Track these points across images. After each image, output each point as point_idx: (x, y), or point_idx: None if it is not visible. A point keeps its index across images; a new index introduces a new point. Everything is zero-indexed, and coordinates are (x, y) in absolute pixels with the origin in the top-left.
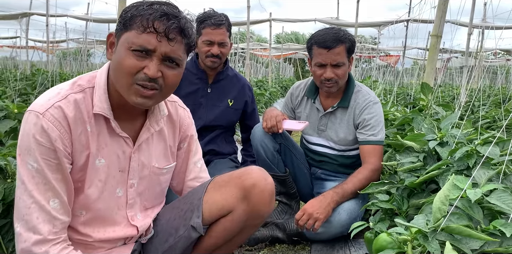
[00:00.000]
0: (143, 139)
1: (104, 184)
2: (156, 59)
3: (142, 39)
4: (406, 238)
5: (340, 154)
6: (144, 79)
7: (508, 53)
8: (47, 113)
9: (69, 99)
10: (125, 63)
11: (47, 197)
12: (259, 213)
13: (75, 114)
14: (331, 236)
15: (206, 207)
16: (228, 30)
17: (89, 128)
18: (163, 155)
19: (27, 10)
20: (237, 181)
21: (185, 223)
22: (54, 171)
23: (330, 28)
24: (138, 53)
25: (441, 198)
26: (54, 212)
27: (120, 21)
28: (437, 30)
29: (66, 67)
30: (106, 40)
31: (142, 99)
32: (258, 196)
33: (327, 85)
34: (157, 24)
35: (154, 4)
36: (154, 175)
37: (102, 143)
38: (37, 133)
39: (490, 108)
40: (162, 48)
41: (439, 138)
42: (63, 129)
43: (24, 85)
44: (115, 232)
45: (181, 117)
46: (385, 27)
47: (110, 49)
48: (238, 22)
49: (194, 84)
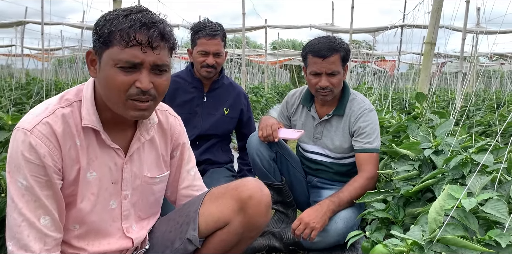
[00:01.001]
0: (134, 149)
1: (97, 197)
2: (145, 71)
3: (127, 54)
4: (402, 249)
5: (336, 161)
6: (138, 93)
7: (502, 58)
8: (34, 130)
9: (57, 114)
10: (115, 81)
11: (38, 214)
12: (255, 224)
13: (64, 129)
14: (328, 245)
15: (202, 219)
16: (223, 40)
17: (78, 142)
18: (156, 164)
19: (22, 19)
20: (233, 193)
21: (181, 235)
22: (44, 188)
23: (325, 37)
24: (125, 68)
25: (436, 209)
26: (45, 229)
27: (98, 39)
28: (431, 38)
29: (61, 75)
30: (85, 57)
31: (140, 112)
32: (254, 207)
33: (322, 94)
34: (138, 36)
35: (128, 15)
36: (146, 184)
37: (93, 156)
38: (26, 150)
39: (485, 113)
40: (149, 59)
41: (434, 146)
42: (52, 144)
43: (19, 95)
44: (110, 244)
45: (172, 126)
46: (380, 33)
47: (93, 67)
48: (233, 29)
49: (189, 93)
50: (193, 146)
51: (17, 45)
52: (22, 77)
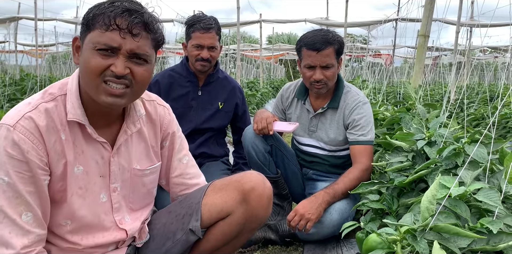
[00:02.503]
0: (120, 141)
1: (85, 191)
2: (122, 57)
3: (106, 37)
4: (396, 238)
5: (330, 154)
6: (112, 76)
7: (496, 51)
8: (17, 125)
9: (40, 109)
10: (91, 63)
11: (19, 211)
12: (257, 216)
13: (47, 124)
14: (323, 236)
15: (205, 209)
16: (217, 34)
17: (64, 136)
18: (145, 156)
19: (15, 14)
20: (236, 185)
21: (183, 226)
22: (27, 184)
23: (319, 30)
24: (103, 52)
25: (428, 198)
26: (27, 225)
27: (83, 23)
28: (424, 30)
29: (55, 71)
30: (71, 44)
31: (113, 98)
32: (256, 199)
33: (317, 87)
34: (119, 21)
35: (115, 2)
36: (136, 177)
37: (79, 150)
38: (8, 146)
39: (478, 106)
40: (127, 45)
41: (427, 137)
42: (36, 139)
43: (13, 91)
44: (105, 237)
45: (160, 116)
46: (375, 27)
47: (77, 54)
48: (228, 23)
49: (184, 87)
50: (188, 139)
51: (11, 41)
52: (16, 74)
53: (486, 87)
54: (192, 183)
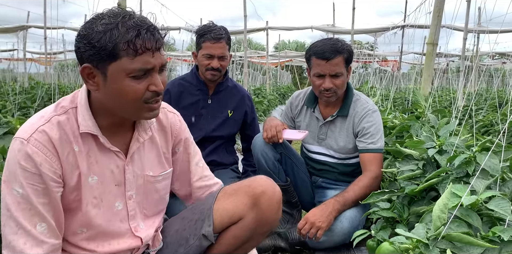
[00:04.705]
0: (133, 149)
1: (100, 201)
2: (155, 74)
3: (138, 62)
4: (408, 246)
5: (340, 162)
6: (153, 96)
7: (504, 57)
8: (31, 138)
9: (53, 122)
10: (129, 91)
11: (34, 222)
12: (267, 220)
13: (60, 136)
14: (334, 244)
15: (217, 214)
16: (227, 44)
17: (77, 148)
18: (157, 162)
19: (24, 23)
20: (246, 189)
21: (196, 232)
22: (41, 196)
23: (328, 39)
24: (136, 77)
25: (440, 207)
26: (42, 236)
27: (99, 52)
28: (432, 38)
29: (63, 79)
30: (80, 72)
31: (154, 112)
32: (267, 203)
33: (326, 95)
34: (147, 43)
35: (119, 23)
36: (149, 183)
37: (93, 160)
38: (22, 158)
39: (487, 112)
40: (158, 61)
41: (438, 146)
42: (49, 152)
43: (23, 99)
44: (120, 244)
45: (171, 123)
46: (382, 34)
47: (91, 81)
48: (235, 31)
49: (194, 96)
50: (198, 147)
51: (19, 49)
52: (25, 82)
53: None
54: (213, 183)
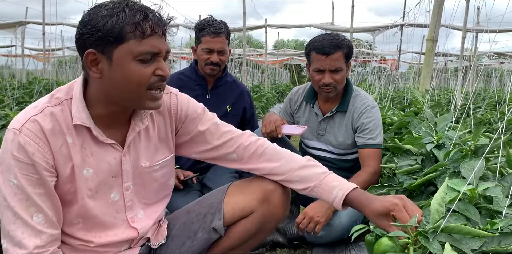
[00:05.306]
0: (129, 140)
1: (95, 192)
2: (161, 59)
3: (146, 45)
4: (407, 240)
5: (339, 157)
6: (159, 80)
7: (502, 56)
8: (23, 128)
9: (45, 113)
10: (136, 74)
11: (30, 212)
12: (276, 215)
13: (53, 127)
14: (332, 239)
15: (227, 208)
16: (227, 38)
17: (70, 140)
18: (154, 151)
19: (23, 19)
20: (259, 184)
21: (205, 225)
22: (36, 186)
23: (328, 34)
24: (144, 60)
25: (437, 200)
26: (39, 226)
27: (105, 36)
28: (432, 34)
29: (61, 75)
30: (84, 59)
31: (156, 102)
32: (277, 199)
33: (326, 91)
34: (153, 25)
35: (125, 7)
36: (144, 173)
37: (88, 152)
38: (15, 149)
39: (485, 111)
40: (164, 47)
41: (435, 141)
42: (41, 141)
43: (21, 94)
44: (117, 235)
45: (166, 104)
46: (380, 32)
47: (94, 68)
48: (234, 28)
49: (193, 91)
50: None
51: (17, 45)
52: (23, 77)
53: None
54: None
